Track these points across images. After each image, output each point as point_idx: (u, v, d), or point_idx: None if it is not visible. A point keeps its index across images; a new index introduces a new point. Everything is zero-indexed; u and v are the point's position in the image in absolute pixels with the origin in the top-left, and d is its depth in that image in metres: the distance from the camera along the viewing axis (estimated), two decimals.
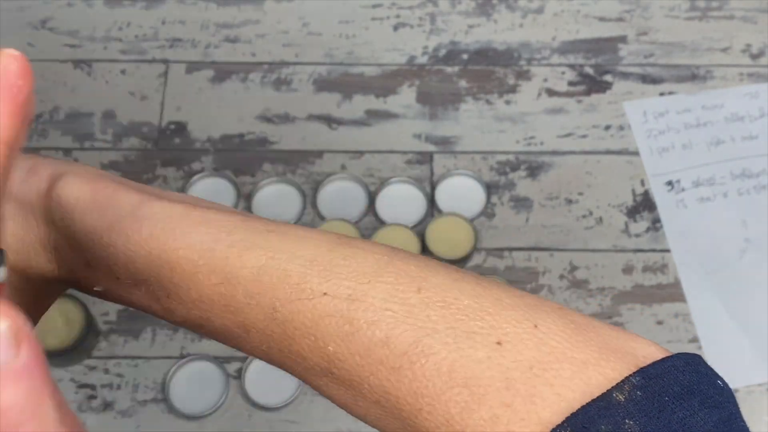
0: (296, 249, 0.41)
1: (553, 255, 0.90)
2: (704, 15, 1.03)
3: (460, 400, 0.37)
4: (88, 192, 0.43)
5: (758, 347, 0.85)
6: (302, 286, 0.40)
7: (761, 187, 0.93)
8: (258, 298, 0.40)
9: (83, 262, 0.43)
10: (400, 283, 0.39)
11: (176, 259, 0.41)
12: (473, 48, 1.01)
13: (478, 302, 0.39)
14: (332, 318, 0.39)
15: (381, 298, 0.39)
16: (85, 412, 0.82)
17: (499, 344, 0.38)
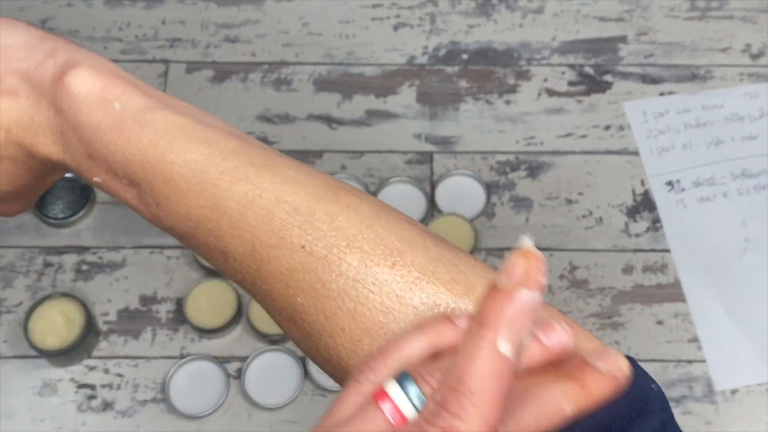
0: (284, 192, 0.42)
1: (553, 255, 0.90)
2: (704, 15, 1.03)
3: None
4: (98, 87, 0.44)
5: (758, 347, 0.85)
6: (282, 234, 0.41)
7: (761, 187, 0.93)
8: (240, 232, 0.42)
9: (85, 153, 0.45)
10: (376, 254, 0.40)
11: (170, 173, 0.43)
12: (473, 48, 1.01)
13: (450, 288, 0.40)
14: (306, 274, 0.40)
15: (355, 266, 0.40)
16: (85, 412, 0.82)
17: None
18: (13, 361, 0.84)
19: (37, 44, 0.47)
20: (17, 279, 0.88)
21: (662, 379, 0.84)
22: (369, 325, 0.40)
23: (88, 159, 0.45)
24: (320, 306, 0.40)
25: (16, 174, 0.48)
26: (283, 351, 0.84)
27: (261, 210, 0.42)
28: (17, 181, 0.49)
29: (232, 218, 0.42)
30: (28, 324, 0.82)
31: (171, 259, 0.89)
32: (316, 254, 0.40)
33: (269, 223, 0.41)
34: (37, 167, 0.48)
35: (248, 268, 0.42)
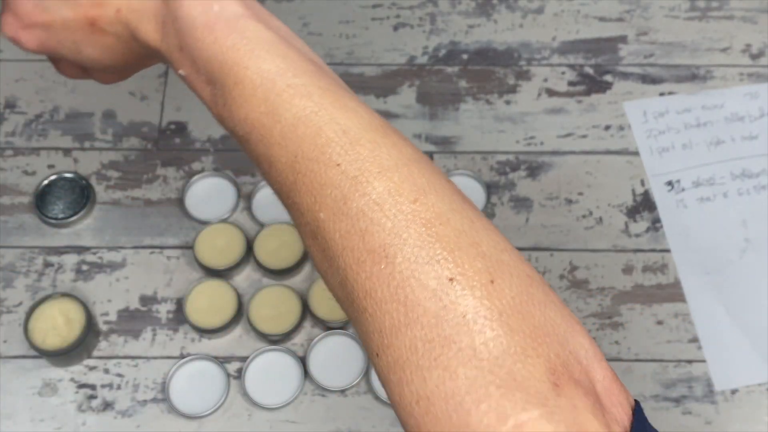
0: (339, 115, 0.45)
1: (553, 255, 0.90)
2: (704, 15, 1.03)
3: (395, 317, 0.39)
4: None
5: (758, 347, 0.85)
6: (324, 149, 0.43)
7: (761, 187, 0.93)
8: (288, 142, 0.45)
9: (178, 45, 0.49)
10: (403, 187, 0.42)
11: (242, 76, 0.46)
12: (473, 48, 1.01)
13: (457, 238, 0.41)
14: (334, 189, 0.43)
15: (379, 192, 0.42)
16: (85, 412, 0.82)
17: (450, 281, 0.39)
18: (13, 361, 0.84)
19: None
20: (17, 279, 0.88)
21: (662, 379, 0.84)
22: (375, 246, 0.41)
23: (179, 51, 0.49)
24: (338, 223, 0.42)
25: (119, 51, 0.54)
26: (283, 351, 0.84)
27: (312, 125, 0.44)
28: (118, 57, 0.55)
29: (284, 128, 0.45)
30: (28, 324, 0.82)
31: (171, 259, 0.89)
32: (348, 173, 0.42)
33: (316, 138, 0.44)
34: (137, 49, 0.53)
35: (286, 179, 0.45)
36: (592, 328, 0.86)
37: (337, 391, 0.83)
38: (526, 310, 0.40)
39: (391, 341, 0.39)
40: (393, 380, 0.40)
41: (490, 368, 0.37)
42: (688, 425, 0.82)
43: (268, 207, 0.91)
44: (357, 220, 0.41)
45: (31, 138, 0.95)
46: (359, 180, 0.42)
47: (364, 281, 0.41)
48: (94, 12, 0.52)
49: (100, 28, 0.53)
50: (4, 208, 0.91)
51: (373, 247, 0.41)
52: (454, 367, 0.38)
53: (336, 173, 0.43)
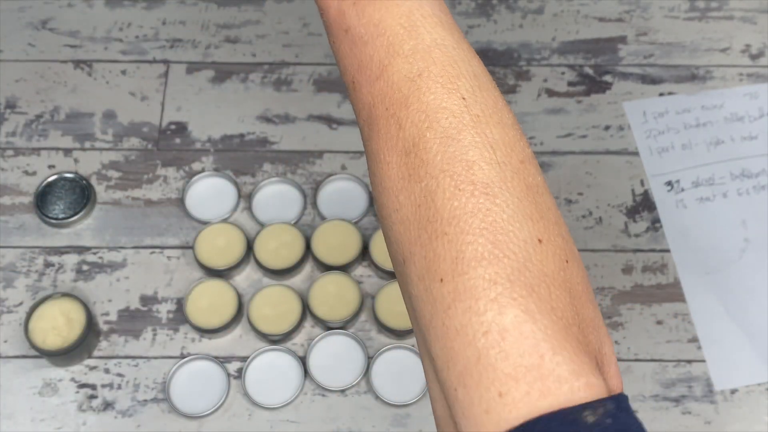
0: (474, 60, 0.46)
1: None
2: (704, 15, 1.03)
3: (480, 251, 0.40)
4: None
5: (758, 347, 0.85)
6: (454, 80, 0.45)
7: (761, 187, 0.93)
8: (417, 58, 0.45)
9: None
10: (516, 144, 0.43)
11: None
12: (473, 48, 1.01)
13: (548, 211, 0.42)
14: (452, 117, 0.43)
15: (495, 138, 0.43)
16: (86, 411, 0.82)
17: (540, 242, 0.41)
18: (14, 360, 0.84)
19: None
20: (18, 279, 0.88)
21: (662, 379, 0.84)
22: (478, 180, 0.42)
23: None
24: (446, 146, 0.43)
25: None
26: (283, 351, 0.84)
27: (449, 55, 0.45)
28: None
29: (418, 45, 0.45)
30: (28, 324, 0.82)
31: (171, 259, 0.89)
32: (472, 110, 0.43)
33: (448, 67, 0.45)
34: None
35: (398, 91, 0.45)
36: None
37: (337, 391, 0.83)
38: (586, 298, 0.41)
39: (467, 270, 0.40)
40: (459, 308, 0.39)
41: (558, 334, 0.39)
42: (687, 425, 0.82)
43: (268, 207, 0.91)
44: (467, 151, 0.42)
45: (31, 138, 0.95)
46: (480, 120, 0.43)
47: (455, 209, 0.41)
48: None
49: None
50: (4, 208, 0.92)
51: (476, 180, 0.41)
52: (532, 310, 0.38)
53: (459, 105, 0.43)
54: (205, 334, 0.85)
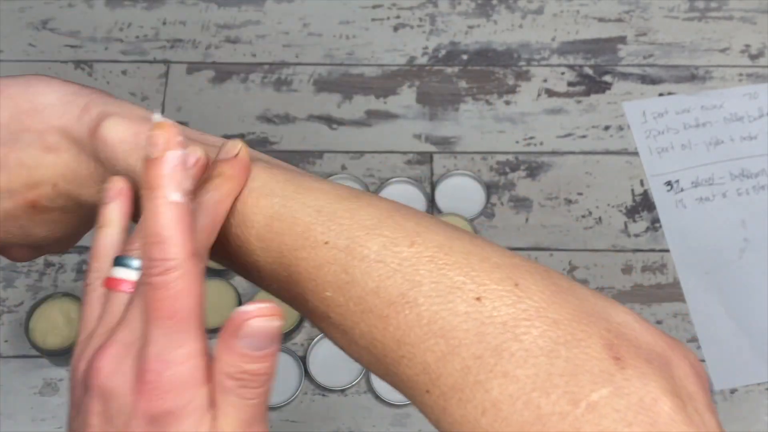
0: (306, 199, 0.44)
1: (553, 255, 0.90)
2: (703, 15, 1.03)
3: (437, 350, 0.40)
4: (131, 135, 0.47)
5: (757, 347, 0.85)
6: (306, 235, 0.43)
7: (760, 187, 0.93)
8: (267, 242, 0.44)
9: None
10: (395, 236, 0.42)
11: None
12: (473, 48, 1.01)
13: (466, 259, 0.41)
14: (331, 266, 0.42)
15: (376, 250, 0.42)
16: None
17: (478, 300, 0.39)
18: (14, 360, 0.85)
19: (72, 99, 0.50)
20: (18, 279, 0.88)
21: None
22: (393, 298, 0.41)
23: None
24: (347, 293, 0.42)
25: (68, 221, 0.53)
26: (283, 351, 0.84)
27: (286, 218, 0.44)
28: (69, 227, 0.53)
29: (259, 231, 0.44)
30: (29, 324, 0.82)
31: None
32: (339, 246, 0.42)
33: (293, 228, 0.43)
34: (86, 213, 0.52)
35: (279, 276, 0.44)
36: None
37: (337, 391, 0.83)
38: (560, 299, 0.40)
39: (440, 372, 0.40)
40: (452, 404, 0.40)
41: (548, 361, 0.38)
42: None
43: None
44: (365, 283, 0.41)
45: None
46: (352, 247, 0.42)
47: (394, 332, 0.41)
48: (32, 194, 0.50)
49: (42, 207, 0.51)
50: None
51: (392, 299, 0.41)
52: (512, 370, 0.38)
53: (326, 250, 0.42)
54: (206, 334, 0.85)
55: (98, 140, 0.47)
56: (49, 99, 0.50)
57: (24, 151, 0.49)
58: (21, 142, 0.49)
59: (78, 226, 0.54)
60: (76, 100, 0.49)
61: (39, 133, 0.49)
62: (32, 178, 0.49)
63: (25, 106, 0.50)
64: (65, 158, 0.49)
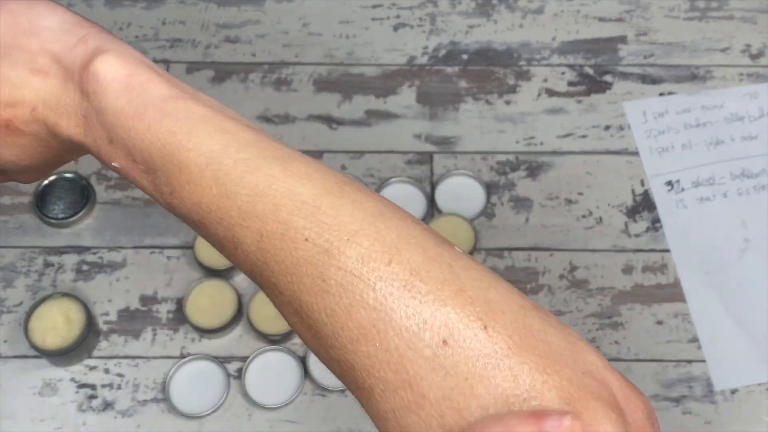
0: (292, 184, 0.42)
1: (553, 255, 0.90)
2: (704, 15, 1.03)
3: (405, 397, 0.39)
4: (124, 75, 0.46)
5: (758, 347, 0.85)
6: (288, 225, 0.42)
7: (761, 187, 0.93)
8: (249, 221, 0.43)
9: (107, 138, 0.46)
10: (375, 250, 0.40)
11: (185, 160, 0.44)
12: (473, 48, 1.01)
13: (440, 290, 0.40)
14: (309, 267, 0.41)
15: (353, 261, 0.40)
16: (86, 411, 0.82)
17: (444, 344, 0.39)
18: (14, 360, 0.84)
19: (71, 28, 0.49)
20: (18, 279, 0.88)
21: (662, 379, 0.84)
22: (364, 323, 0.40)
23: (108, 144, 0.46)
24: (321, 302, 0.41)
25: (37, 150, 0.50)
26: (283, 351, 0.84)
27: (270, 200, 0.42)
28: (37, 156, 0.51)
29: (241, 208, 0.43)
30: (28, 324, 0.82)
31: (171, 259, 0.89)
32: (319, 246, 0.41)
33: (276, 214, 0.42)
34: (57, 146, 0.50)
35: (256, 260, 0.43)
36: (591, 328, 0.86)
37: (337, 391, 0.83)
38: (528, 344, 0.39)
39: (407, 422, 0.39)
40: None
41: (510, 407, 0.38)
42: (687, 425, 0.82)
43: None
44: (340, 297, 0.40)
45: None
46: (331, 252, 0.41)
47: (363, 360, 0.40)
48: (8, 113, 0.48)
49: (15, 129, 0.49)
50: (4, 208, 0.92)
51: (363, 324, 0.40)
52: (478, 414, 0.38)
53: (306, 249, 0.41)
54: (205, 334, 0.85)
55: (89, 73, 0.46)
56: (49, 22, 0.50)
57: (11, 69, 0.48)
58: (10, 58, 0.48)
59: (47, 158, 0.52)
60: (76, 30, 0.49)
61: (31, 53, 0.48)
62: (13, 97, 0.48)
63: (24, 24, 0.49)
64: (51, 84, 0.48)
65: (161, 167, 0.45)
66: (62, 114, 0.48)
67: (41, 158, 0.51)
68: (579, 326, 0.86)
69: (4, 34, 0.49)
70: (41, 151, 0.51)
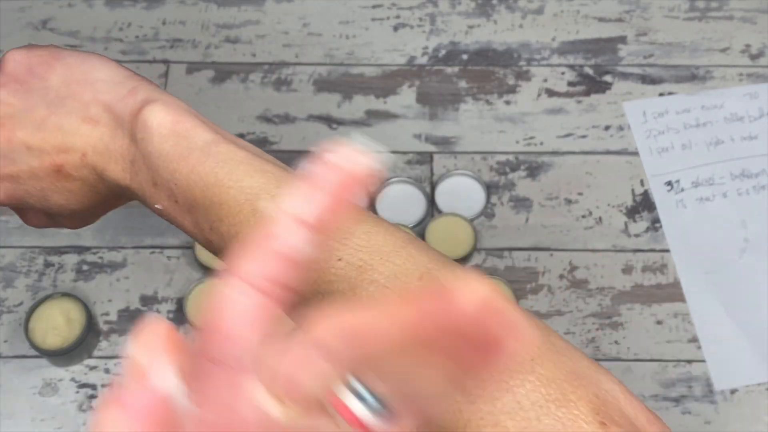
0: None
1: (553, 255, 0.90)
2: (704, 15, 1.03)
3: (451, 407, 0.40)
4: (170, 122, 0.49)
5: (757, 347, 0.85)
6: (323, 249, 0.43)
7: (760, 187, 0.93)
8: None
9: (151, 181, 0.50)
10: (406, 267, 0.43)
11: (225, 197, 0.47)
12: (473, 48, 1.01)
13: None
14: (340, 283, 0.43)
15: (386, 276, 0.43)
16: (86, 411, 0.82)
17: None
18: (14, 360, 0.84)
19: (122, 81, 0.53)
20: (18, 279, 0.88)
21: (662, 379, 0.84)
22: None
23: (153, 186, 0.50)
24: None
25: (85, 195, 0.54)
26: None
27: None
28: (85, 201, 0.54)
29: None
30: (28, 324, 0.82)
31: (171, 259, 0.89)
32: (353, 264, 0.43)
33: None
34: (104, 191, 0.53)
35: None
36: (591, 328, 0.86)
37: None
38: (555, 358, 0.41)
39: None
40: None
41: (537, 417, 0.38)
42: (687, 425, 0.82)
43: None
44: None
45: None
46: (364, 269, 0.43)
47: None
48: (60, 158, 0.52)
49: (66, 174, 0.52)
50: (4, 209, 0.91)
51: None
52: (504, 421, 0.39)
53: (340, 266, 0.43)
54: None
55: (139, 121, 0.49)
56: (102, 75, 0.53)
57: (65, 117, 0.51)
58: (65, 108, 0.52)
59: (94, 203, 0.55)
60: (126, 82, 0.53)
61: (84, 103, 0.52)
62: (65, 143, 0.52)
63: (79, 76, 0.52)
64: (101, 131, 0.51)
65: (202, 204, 0.47)
66: (110, 159, 0.51)
67: (89, 203, 0.54)
68: (579, 326, 0.86)
69: (60, 84, 0.52)
70: (89, 196, 0.54)
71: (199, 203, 0.48)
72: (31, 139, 0.52)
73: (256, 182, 0.47)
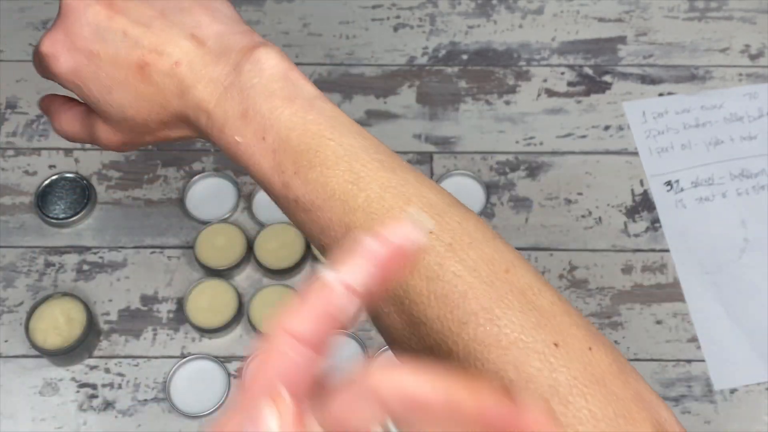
0: (423, 189, 0.46)
1: (553, 255, 0.90)
2: (703, 15, 1.03)
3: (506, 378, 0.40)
4: (284, 68, 0.49)
5: (757, 347, 0.85)
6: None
7: (760, 187, 0.93)
8: (375, 210, 0.45)
9: (240, 112, 0.49)
10: (494, 258, 0.43)
11: (324, 146, 0.47)
12: (473, 48, 1.01)
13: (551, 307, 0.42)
14: (427, 255, 0.43)
15: (473, 259, 0.43)
16: (86, 411, 0.82)
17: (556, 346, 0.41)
18: (14, 360, 0.85)
19: (238, 21, 0.53)
20: (18, 279, 0.88)
21: (661, 379, 0.84)
22: (477, 309, 0.41)
23: (240, 118, 0.48)
24: (433, 287, 0.43)
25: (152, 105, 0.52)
26: None
27: (401, 196, 0.45)
28: (146, 111, 0.52)
29: (370, 196, 0.45)
30: (29, 323, 0.82)
31: (172, 259, 0.89)
32: (443, 240, 0.43)
33: (405, 207, 0.45)
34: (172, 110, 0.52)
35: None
36: None
37: None
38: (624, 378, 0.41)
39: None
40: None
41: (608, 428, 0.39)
42: (687, 425, 0.82)
43: (268, 207, 0.91)
44: (455, 285, 0.42)
45: (32, 138, 0.95)
46: (454, 247, 0.43)
47: (467, 343, 0.41)
48: (151, 57, 0.51)
49: (147, 75, 0.51)
50: (5, 208, 0.92)
51: (475, 310, 0.41)
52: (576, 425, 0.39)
53: (429, 239, 0.43)
54: (206, 334, 0.85)
55: (253, 55, 0.49)
56: (224, 9, 0.53)
57: (174, 26, 0.51)
58: (178, 18, 0.52)
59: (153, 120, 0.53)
60: (242, 24, 0.52)
61: (198, 23, 0.51)
62: (162, 46, 0.51)
63: (204, 1, 0.52)
64: (203, 51, 0.50)
65: (296, 148, 0.47)
66: (201, 79, 0.50)
67: (147, 115, 0.52)
68: None
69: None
70: (154, 109, 0.52)
71: (292, 146, 0.47)
72: (132, 29, 0.51)
73: (357, 142, 0.47)
